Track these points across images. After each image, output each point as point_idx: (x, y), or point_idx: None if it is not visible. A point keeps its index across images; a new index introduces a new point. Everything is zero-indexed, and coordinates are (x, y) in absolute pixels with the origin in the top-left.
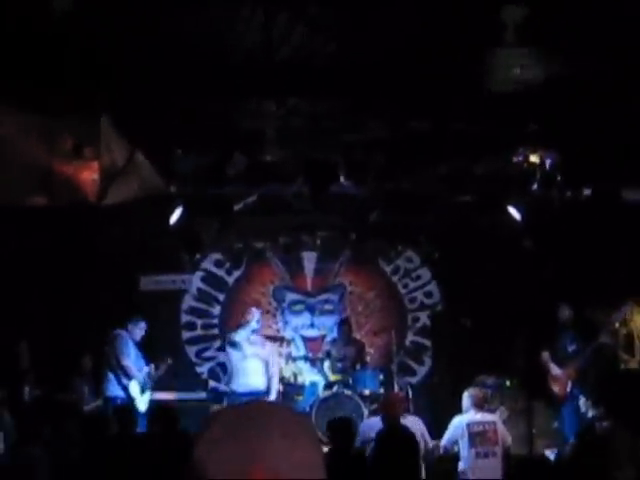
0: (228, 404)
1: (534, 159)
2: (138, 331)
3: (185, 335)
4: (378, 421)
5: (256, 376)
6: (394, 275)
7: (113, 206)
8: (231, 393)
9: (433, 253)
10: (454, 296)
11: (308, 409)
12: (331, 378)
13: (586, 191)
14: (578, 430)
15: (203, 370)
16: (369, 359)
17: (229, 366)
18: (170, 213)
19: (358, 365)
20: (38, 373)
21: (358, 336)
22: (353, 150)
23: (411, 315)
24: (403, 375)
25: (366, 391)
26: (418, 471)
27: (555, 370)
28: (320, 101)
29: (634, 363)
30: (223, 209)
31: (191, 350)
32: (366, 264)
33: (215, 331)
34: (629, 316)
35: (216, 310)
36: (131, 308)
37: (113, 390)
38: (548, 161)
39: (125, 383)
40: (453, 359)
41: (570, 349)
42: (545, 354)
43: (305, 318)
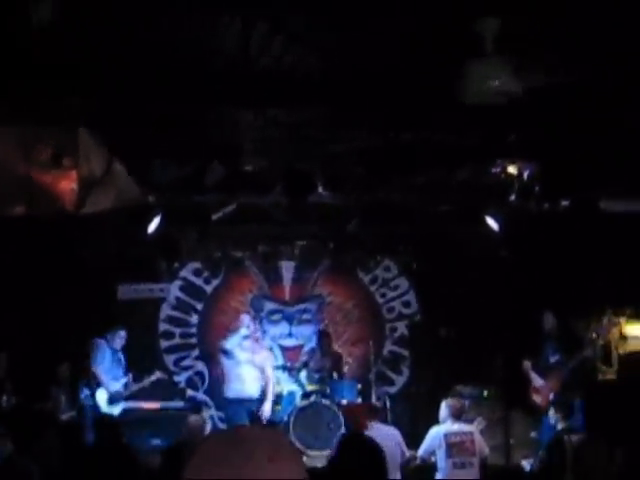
0: (228, 412)
1: (512, 170)
2: (118, 340)
3: (163, 344)
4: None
5: (250, 382)
6: (372, 285)
7: (91, 215)
8: (225, 400)
9: (411, 263)
10: (432, 306)
11: (286, 418)
12: (308, 388)
13: (564, 202)
14: (546, 442)
15: (181, 379)
16: (347, 369)
17: (223, 373)
18: (148, 222)
19: (335, 375)
20: (16, 382)
21: (336, 346)
22: (332, 160)
23: (389, 325)
24: (381, 385)
25: (344, 401)
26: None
27: (537, 381)
28: (299, 111)
29: (611, 374)
30: (201, 218)
31: (169, 359)
32: (344, 274)
33: (193, 340)
34: (607, 327)
35: (194, 319)
36: (109, 317)
37: (86, 399)
38: (526, 172)
39: (92, 390)
40: (431, 369)
41: (553, 359)
42: (527, 364)
43: (283, 327)
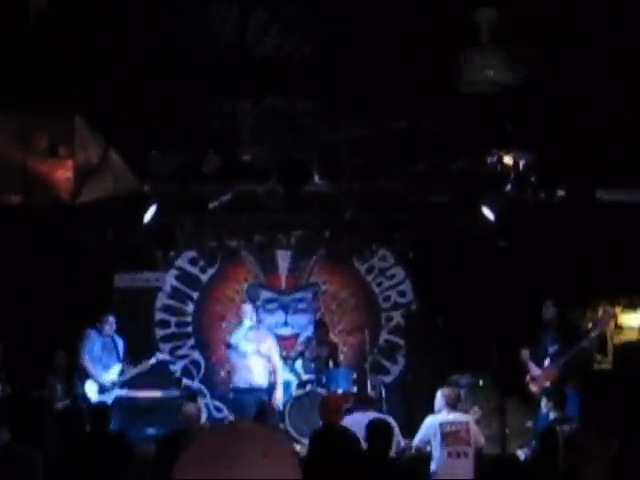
0: (236, 401)
1: (508, 160)
2: (107, 326)
3: (159, 333)
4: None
5: (258, 372)
6: (368, 274)
7: (87, 204)
8: (235, 389)
9: (407, 252)
10: (428, 295)
11: (282, 407)
12: (304, 377)
13: (560, 192)
14: (539, 432)
15: (176, 368)
16: (342, 358)
17: (232, 364)
18: (144, 211)
19: (331, 364)
20: (12, 370)
21: (332, 335)
22: (328, 149)
23: (385, 314)
24: (376, 374)
25: (339, 390)
26: (355, 471)
27: (535, 370)
28: (295, 100)
29: (607, 363)
30: (198, 207)
31: (165, 348)
32: (340, 263)
33: (189, 329)
34: (603, 317)
35: (190, 308)
36: (105, 305)
37: (78, 388)
38: (522, 162)
39: (82, 381)
40: (427, 358)
41: (551, 349)
42: (525, 352)
43: (279, 317)
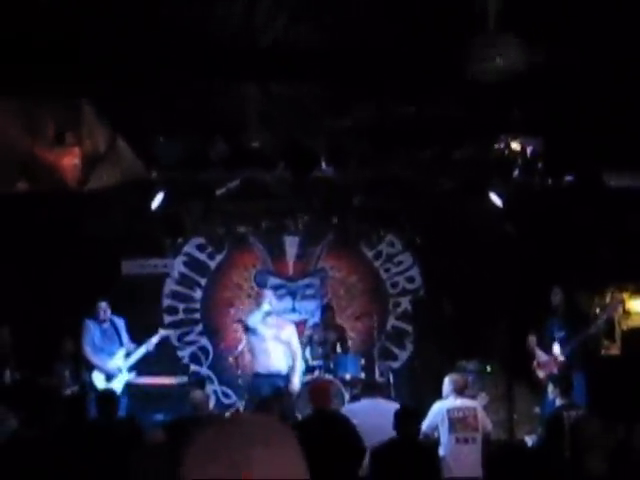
0: (252, 385)
1: (515, 146)
2: (102, 313)
3: (167, 319)
4: (361, 407)
5: (277, 358)
6: (376, 260)
7: (95, 191)
8: (255, 374)
9: (415, 238)
10: (436, 281)
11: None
12: (311, 363)
13: (567, 178)
14: (546, 418)
15: (184, 354)
16: (350, 344)
17: (250, 349)
18: (152, 198)
19: (339, 349)
20: (20, 357)
21: (340, 320)
22: (336, 135)
23: (393, 300)
24: (384, 360)
25: (347, 376)
26: (347, 454)
27: (542, 356)
28: (303, 86)
29: (615, 349)
30: (205, 194)
31: (173, 334)
32: (348, 249)
33: (197, 315)
34: (611, 302)
35: (198, 294)
36: (113, 292)
37: (86, 377)
38: (529, 148)
39: (89, 371)
40: (434, 344)
41: (558, 335)
42: (532, 339)
43: (287, 303)
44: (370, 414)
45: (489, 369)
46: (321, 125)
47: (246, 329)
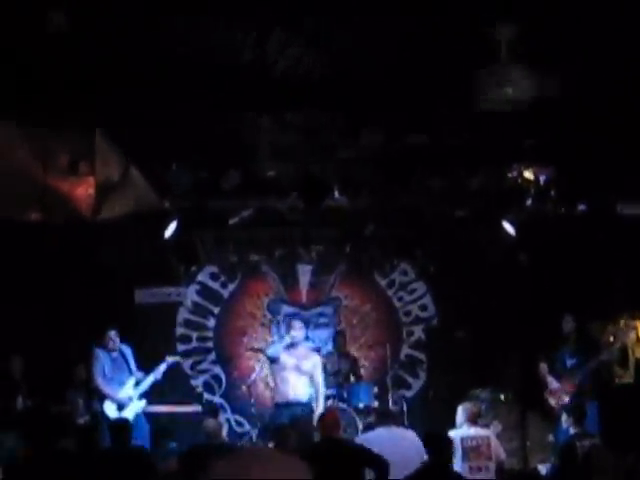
0: (272, 416)
1: (528, 175)
2: (111, 342)
3: (180, 348)
4: (376, 436)
5: (297, 387)
6: (389, 288)
7: (108, 221)
8: (275, 404)
9: (428, 267)
10: (449, 310)
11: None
12: (325, 392)
13: (580, 206)
14: (559, 447)
15: (198, 383)
16: (363, 372)
17: (272, 378)
18: (165, 227)
19: (352, 378)
20: (32, 385)
21: (353, 349)
22: (348, 164)
23: (406, 329)
24: (398, 389)
25: (360, 405)
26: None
27: (553, 384)
28: (315, 116)
29: (628, 377)
30: (218, 222)
31: (186, 363)
32: (361, 277)
33: (210, 344)
34: (624, 330)
35: (211, 323)
36: (126, 321)
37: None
38: (542, 177)
39: (101, 402)
40: (448, 373)
41: (569, 363)
42: (543, 366)
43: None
44: (386, 443)
45: (502, 397)
46: (334, 154)
47: (268, 358)
